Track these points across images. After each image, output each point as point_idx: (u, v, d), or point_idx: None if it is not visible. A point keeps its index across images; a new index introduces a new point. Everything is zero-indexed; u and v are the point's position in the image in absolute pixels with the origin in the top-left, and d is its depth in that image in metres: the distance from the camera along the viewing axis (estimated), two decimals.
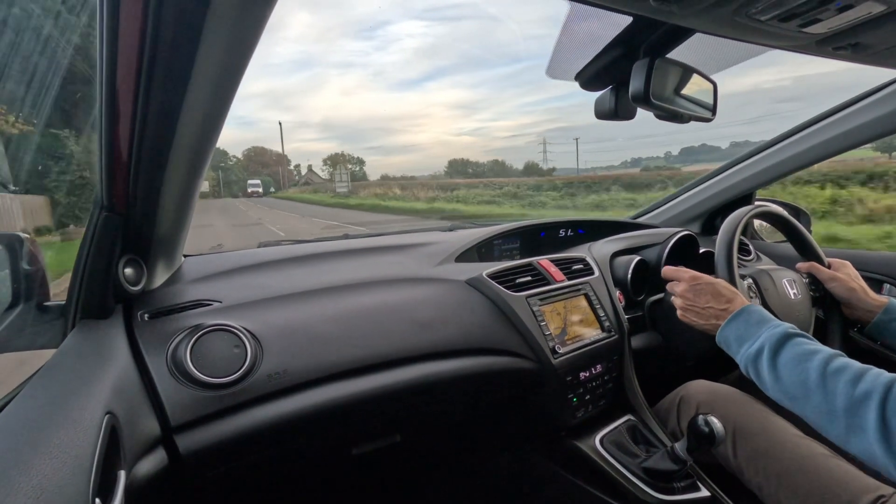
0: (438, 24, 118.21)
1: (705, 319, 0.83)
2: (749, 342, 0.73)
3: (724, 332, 0.78)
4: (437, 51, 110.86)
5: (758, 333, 0.73)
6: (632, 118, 0.76)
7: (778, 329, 0.71)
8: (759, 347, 0.70)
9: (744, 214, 0.98)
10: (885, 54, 0.67)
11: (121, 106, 0.49)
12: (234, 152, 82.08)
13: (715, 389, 0.94)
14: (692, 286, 0.86)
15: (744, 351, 0.73)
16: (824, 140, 1.21)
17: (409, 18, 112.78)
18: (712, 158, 50.66)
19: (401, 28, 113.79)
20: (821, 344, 0.69)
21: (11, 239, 0.78)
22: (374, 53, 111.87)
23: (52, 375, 0.53)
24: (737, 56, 0.77)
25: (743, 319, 0.76)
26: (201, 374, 0.65)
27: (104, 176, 0.59)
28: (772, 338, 0.70)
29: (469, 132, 65.00)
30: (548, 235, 1.36)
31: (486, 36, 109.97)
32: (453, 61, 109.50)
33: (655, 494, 0.84)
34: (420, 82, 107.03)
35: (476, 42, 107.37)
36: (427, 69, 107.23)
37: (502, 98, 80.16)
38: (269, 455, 0.72)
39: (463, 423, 1.04)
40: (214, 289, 0.82)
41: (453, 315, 0.90)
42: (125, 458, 0.51)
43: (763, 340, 0.71)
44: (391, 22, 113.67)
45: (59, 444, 0.40)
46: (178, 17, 0.41)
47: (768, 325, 0.73)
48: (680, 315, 0.88)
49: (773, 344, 0.69)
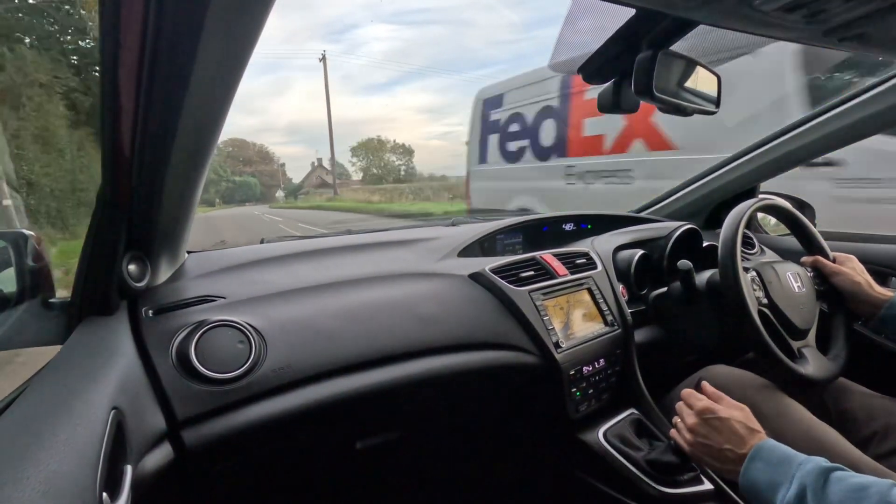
0: (406, 27, 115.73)
1: (721, 463, 0.71)
2: (784, 486, 0.62)
3: (748, 477, 0.66)
4: (405, 55, 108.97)
5: (788, 473, 0.62)
6: (635, 111, 0.76)
7: (810, 465, 0.62)
8: (800, 491, 0.60)
9: (748, 208, 0.98)
10: (893, 45, 0.66)
11: (123, 103, 0.49)
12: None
13: (732, 373, 0.95)
14: (705, 420, 0.73)
15: (781, 498, 0.61)
16: (829, 132, 1.20)
17: (376, 22, 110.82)
18: None
19: (368, 32, 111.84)
20: (864, 475, 0.60)
21: (16, 236, 0.79)
22: (341, 56, 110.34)
23: (59, 371, 0.54)
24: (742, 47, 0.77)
25: (763, 459, 0.66)
26: (206, 370, 0.65)
27: (107, 173, 0.59)
28: (809, 476, 0.60)
29: (438, 136, 63.73)
30: (551, 230, 1.36)
31: (454, 41, 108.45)
32: (421, 65, 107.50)
33: (659, 487, 0.84)
34: (388, 86, 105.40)
35: (443, 47, 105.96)
36: (395, 73, 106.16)
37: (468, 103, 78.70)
38: (274, 449, 0.73)
39: (466, 417, 1.05)
40: (218, 285, 0.82)
41: (456, 310, 0.90)
42: (131, 452, 0.51)
43: (801, 481, 0.60)
44: (359, 25, 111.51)
45: (66, 438, 0.41)
46: (178, 14, 0.40)
47: (796, 463, 0.63)
48: (688, 452, 0.76)
49: (814, 484, 0.59)
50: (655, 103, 0.70)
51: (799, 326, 0.93)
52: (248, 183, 51.54)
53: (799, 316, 0.94)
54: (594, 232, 1.31)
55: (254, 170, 55.11)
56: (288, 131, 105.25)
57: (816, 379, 0.88)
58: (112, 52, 0.44)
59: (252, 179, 52.48)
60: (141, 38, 0.42)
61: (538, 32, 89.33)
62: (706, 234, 1.27)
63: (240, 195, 49.16)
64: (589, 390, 0.97)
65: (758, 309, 0.90)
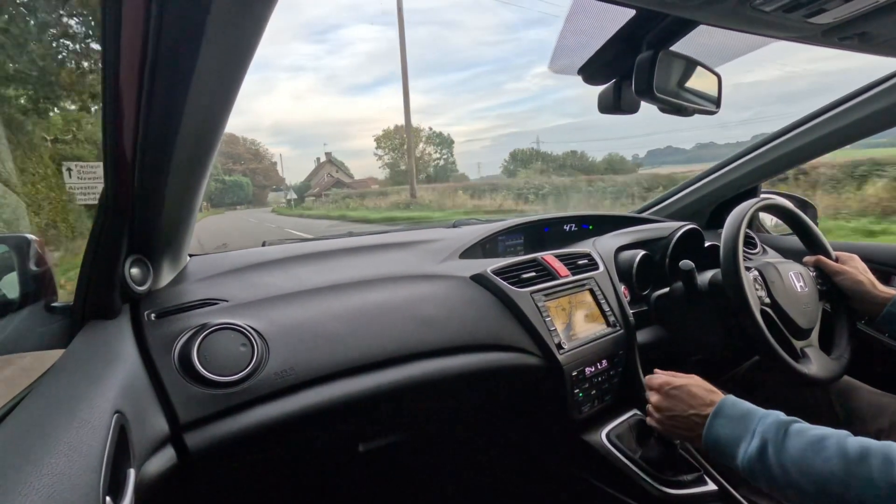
0: (391, 28, 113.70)
1: (690, 431, 0.71)
2: (746, 440, 0.63)
3: (711, 433, 0.67)
4: (391, 55, 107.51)
5: (750, 427, 0.63)
6: (635, 112, 0.76)
7: (769, 419, 0.63)
8: (761, 444, 0.61)
9: (749, 207, 0.97)
10: (893, 44, 0.66)
11: (124, 108, 0.49)
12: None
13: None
14: (665, 394, 0.75)
15: (743, 451, 0.63)
16: (830, 131, 1.19)
17: (361, 23, 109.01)
18: (677, 160, 49.07)
19: (353, 32, 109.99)
20: (822, 427, 0.61)
21: (19, 241, 0.79)
22: (326, 57, 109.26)
23: (62, 375, 0.54)
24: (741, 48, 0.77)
25: (724, 416, 0.67)
26: (209, 373, 0.65)
27: (109, 176, 0.59)
28: (769, 430, 0.61)
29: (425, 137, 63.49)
30: (552, 231, 1.36)
31: (439, 42, 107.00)
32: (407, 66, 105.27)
33: (662, 488, 0.84)
34: (373, 87, 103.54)
35: (429, 47, 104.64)
36: (380, 73, 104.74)
37: (456, 103, 77.65)
38: (277, 452, 0.73)
39: (469, 419, 1.04)
40: (220, 288, 0.82)
41: (458, 311, 0.90)
42: (135, 456, 0.51)
43: (762, 435, 0.61)
44: (343, 26, 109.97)
45: (69, 442, 0.41)
46: (179, 19, 0.41)
47: (757, 417, 0.64)
48: (662, 430, 0.77)
49: (774, 437, 0.60)
50: (656, 103, 0.70)
51: (802, 326, 0.92)
52: (240, 183, 45.47)
53: (802, 315, 0.94)
54: (595, 233, 1.31)
55: (245, 168, 49.15)
56: (273, 131, 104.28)
57: (819, 379, 0.87)
58: (113, 59, 0.44)
59: (244, 179, 46.44)
60: (142, 45, 0.42)
61: (522, 34, 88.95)
62: (708, 234, 1.27)
63: (230, 197, 43.57)
64: (592, 391, 0.97)
65: (760, 308, 0.90)
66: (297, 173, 57.08)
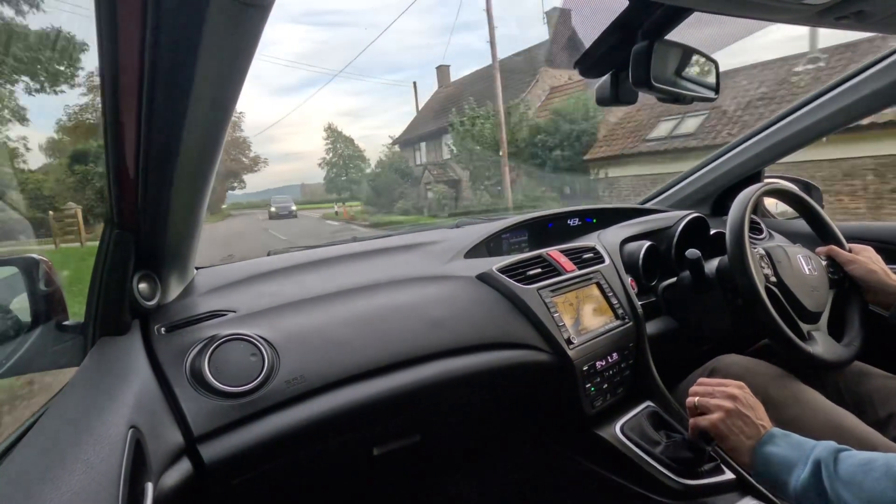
0: (318, 29, 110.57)
1: (748, 438, 0.70)
2: (800, 465, 0.63)
3: (762, 453, 0.67)
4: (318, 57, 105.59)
5: (804, 454, 0.64)
6: (633, 102, 0.75)
7: (822, 445, 0.64)
8: (815, 468, 0.62)
9: (754, 192, 0.97)
10: (891, 21, 0.66)
11: (125, 124, 0.50)
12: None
13: (745, 362, 0.93)
14: (743, 397, 0.73)
15: (797, 476, 0.63)
16: (831, 112, 1.18)
17: (287, 22, 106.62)
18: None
19: (278, 32, 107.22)
20: (870, 452, 0.62)
21: (28, 262, 0.80)
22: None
23: (76, 393, 0.54)
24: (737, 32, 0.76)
25: (776, 444, 0.67)
26: (220, 384, 0.65)
27: (113, 194, 0.60)
28: (821, 455, 0.62)
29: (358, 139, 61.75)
30: (556, 226, 1.35)
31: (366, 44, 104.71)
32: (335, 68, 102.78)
33: (679, 479, 0.84)
34: (301, 88, 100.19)
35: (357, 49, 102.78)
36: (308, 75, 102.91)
37: (385, 106, 76.16)
38: (292, 460, 0.73)
39: (482, 418, 1.04)
40: (228, 299, 0.82)
41: (466, 311, 0.90)
42: (151, 470, 0.51)
43: (816, 459, 0.62)
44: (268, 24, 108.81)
45: (86, 459, 0.41)
46: (175, 34, 0.41)
47: (810, 445, 0.65)
48: (716, 430, 0.73)
49: (827, 461, 0.61)
50: (654, 93, 0.70)
51: (809, 308, 0.92)
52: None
53: (809, 298, 0.93)
54: (599, 226, 1.31)
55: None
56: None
57: (825, 360, 0.86)
58: (112, 75, 0.45)
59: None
60: (139, 61, 0.42)
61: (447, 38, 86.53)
62: (713, 222, 1.26)
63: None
64: (603, 385, 0.96)
65: (765, 286, 0.89)
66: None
